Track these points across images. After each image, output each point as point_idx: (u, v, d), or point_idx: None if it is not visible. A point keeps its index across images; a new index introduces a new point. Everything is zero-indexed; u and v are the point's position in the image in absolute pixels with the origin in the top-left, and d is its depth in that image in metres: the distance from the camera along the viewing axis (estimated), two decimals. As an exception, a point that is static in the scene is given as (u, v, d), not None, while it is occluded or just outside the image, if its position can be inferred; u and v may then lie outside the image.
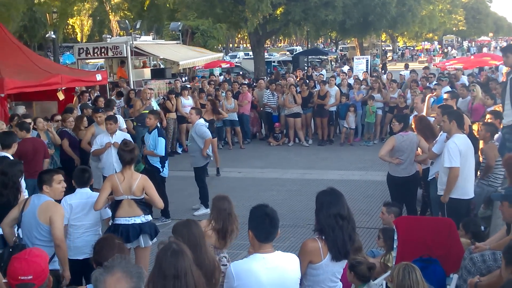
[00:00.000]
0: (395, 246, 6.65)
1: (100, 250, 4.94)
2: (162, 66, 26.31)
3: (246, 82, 22.52)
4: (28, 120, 11.04)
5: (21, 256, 3.91)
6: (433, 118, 10.35)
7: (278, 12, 33.95)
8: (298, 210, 11.46)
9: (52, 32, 25.08)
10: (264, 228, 4.52)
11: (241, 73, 31.93)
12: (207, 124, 12.08)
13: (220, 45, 50.55)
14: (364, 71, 25.91)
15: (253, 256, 4.56)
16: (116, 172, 8.85)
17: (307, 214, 10.80)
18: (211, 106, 15.96)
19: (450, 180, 7.80)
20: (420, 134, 9.64)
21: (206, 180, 11.98)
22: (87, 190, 7.39)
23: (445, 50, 68.87)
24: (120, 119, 12.29)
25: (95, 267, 4.58)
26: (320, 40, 79.83)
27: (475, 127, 9.95)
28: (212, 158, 12.31)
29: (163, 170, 10.77)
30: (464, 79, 19.82)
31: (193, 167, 11.84)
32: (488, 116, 10.19)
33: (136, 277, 3.00)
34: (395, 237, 6.67)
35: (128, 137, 10.29)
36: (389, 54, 64.72)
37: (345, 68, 30.10)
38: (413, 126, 9.94)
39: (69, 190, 7.44)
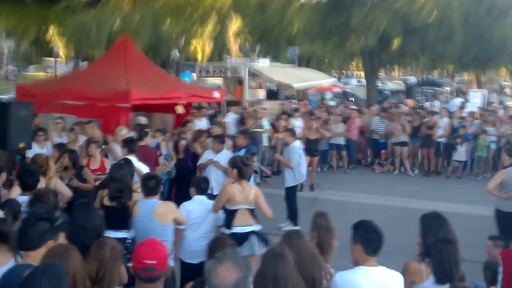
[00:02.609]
0: (499, 279, 6.61)
1: (213, 249, 5.20)
2: (275, 88, 26.85)
3: (355, 108, 22.65)
4: (147, 130, 11.60)
5: (146, 243, 4.17)
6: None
7: (395, 43, 33.74)
8: (401, 237, 11.40)
9: (177, 51, 26.21)
10: (373, 240, 4.68)
11: (352, 99, 31.94)
12: (302, 146, 12.35)
13: (334, 71, 50.65)
14: (478, 106, 25.26)
15: (358, 268, 4.70)
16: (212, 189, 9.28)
17: (410, 241, 10.71)
18: (316, 125, 16.24)
19: None
20: None
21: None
22: (204, 198, 7.80)
23: None
24: None
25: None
26: (436, 71, 78.03)
27: None
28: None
29: None
30: None
31: (284, 186, 12.21)
32: None
33: (244, 267, 3.13)
34: (500, 270, 6.63)
35: None
36: (507, 89, 62.20)
37: (457, 100, 29.41)
38: None
39: (185, 197, 7.97)
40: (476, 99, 27.94)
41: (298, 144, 12.22)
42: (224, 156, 10.68)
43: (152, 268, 3.98)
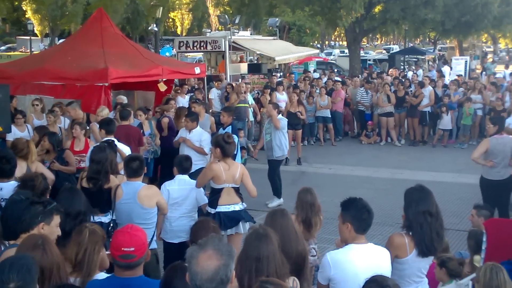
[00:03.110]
0: (483, 248, 6.62)
1: (196, 232, 5.18)
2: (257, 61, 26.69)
3: (340, 80, 22.57)
4: (129, 109, 11.30)
5: (124, 230, 4.16)
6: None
7: (376, 10, 33.63)
8: (387, 208, 11.46)
9: (155, 25, 26.01)
10: (364, 220, 4.64)
11: (335, 70, 31.88)
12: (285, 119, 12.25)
13: (315, 42, 50.56)
14: (460, 75, 25.24)
15: (349, 246, 4.66)
16: None
17: (396, 213, 10.78)
18: (297, 98, 16.13)
19: None
20: None
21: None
22: (186, 177, 7.71)
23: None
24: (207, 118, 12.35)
25: (191, 247, 4.87)
26: (418, 39, 78.12)
27: None
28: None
29: None
30: None
31: (269, 160, 12.08)
32: None
33: (226, 255, 3.12)
34: (484, 239, 6.64)
35: (207, 137, 10.41)
36: (489, 56, 62.48)
37: (446, 69, 29.39)
38: None
39: (171, 176, 7.85)
40: (459, 66, 27.95)
41: (283, 117, 12.10)
42: (196, 134, 10.42)
43: (131, 255, 4.01)
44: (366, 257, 4.58)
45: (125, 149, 9.04)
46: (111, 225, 6.74)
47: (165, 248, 7.60)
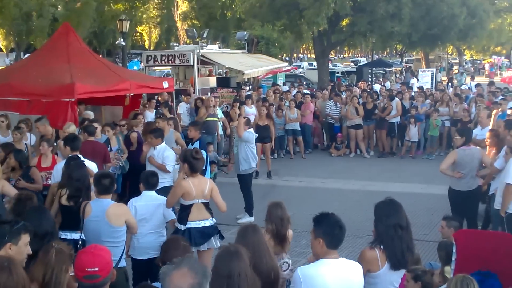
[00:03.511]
0: (453, 259, 6.66)
1: (167, 250, 5.14)
2: (226, 75, 26.71)
3: (309, 92, 22.67)
4: (96, 125, 11.22)
5: (87, 250, 4.13)
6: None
7: (344, 23, 33.92)
8: (358, 221, 11.48)
9: (122, 39, 25.87)
10: (336, 235, 4.62)
11: (304, 82, 32.00)
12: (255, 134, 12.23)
13: (284, 55, 50.83)
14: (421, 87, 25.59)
15: (320, 261, 4.64)
16: None
17: (367, 225, 10.73)
18: (266, 111, 16.13)
19: (505, 196, 7.83)
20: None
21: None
22: (153, 193, 7.64)
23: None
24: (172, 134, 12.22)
25: (161, 266, 4.82)
26: (385, 52, 79.02)
27: None
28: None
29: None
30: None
31: (238, 174, 12.00)
32: None
33: (200, 274, 3.11)
34: (454, 250, 6.68)
35: (169, 154, 10.25)
36: (455, 67, 63.49)
37: (415, 81, 29.73)
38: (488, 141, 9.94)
39: (139, 192, 7.77)
40: (425, 78, 28.33)
41: (251, 131, 12.06)
42: (159, 151, 10.24)
43: (95, 276, 3.97)
44: (337, 272, 4.56)
45: (92, 166, 8.90)
46: (80, 243, 6.63)
47: (133, 265, 7.49)
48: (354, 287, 4.57)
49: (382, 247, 5.01)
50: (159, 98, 17.56)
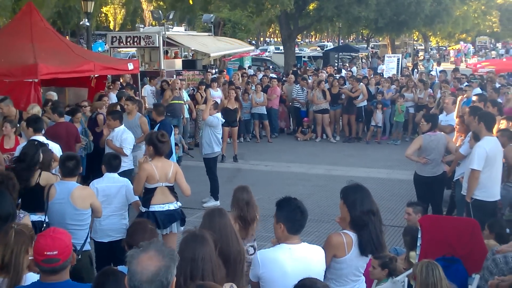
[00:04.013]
0: (418, 245, 6.72)
1: (133, 233, 5.05)
2: (192, 57, 26.48)
3: (275, 76, 22.61)
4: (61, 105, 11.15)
5: (46, 234, 4.04)
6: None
7: (310, 7, 33.89)
8: (323, 205, 11.53)
9: (86, 20, 25.34)
10: (297, 221, 4.59)
11: (270, 66, 31.92)
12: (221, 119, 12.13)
13: (250, 38, 50.60)
14: (393, 73, 25.73)
15: (279, 246, 4.63)
16: None
17: (332, 209, 10.89)
18: (235, 95, 16.03)
19: (470, 181, 7.90)
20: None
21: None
22: (115, 175, 7.58)
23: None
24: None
25: (126, 249, 4.72)
26: (352, 37, 79.35)
27: None
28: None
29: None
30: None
31: (203, 158, 11.87)
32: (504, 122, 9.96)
33: (168, 257, 3.08)
34: (419, 236, 6.73)
35: (130, 139, 10.08)
36: (420, 53, 64.12)
37: (383, 67, 29.86)
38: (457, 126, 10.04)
39: (98, 174, 7.71)
40: (391, 63, 28.46)
41: (218, 115, 11.92)
42: (117, 133, 10.07)
43: (54, 259, 3.91)
44: (297, 257, 4.55)
45: (55, 147, 8.72)
46: (44, 225, 6.56)
47: (96, 248, 7.42)
48: (314, 272, 4.51)
49: (353, 233, 4.93)
50: (121, 80, 17.32)
